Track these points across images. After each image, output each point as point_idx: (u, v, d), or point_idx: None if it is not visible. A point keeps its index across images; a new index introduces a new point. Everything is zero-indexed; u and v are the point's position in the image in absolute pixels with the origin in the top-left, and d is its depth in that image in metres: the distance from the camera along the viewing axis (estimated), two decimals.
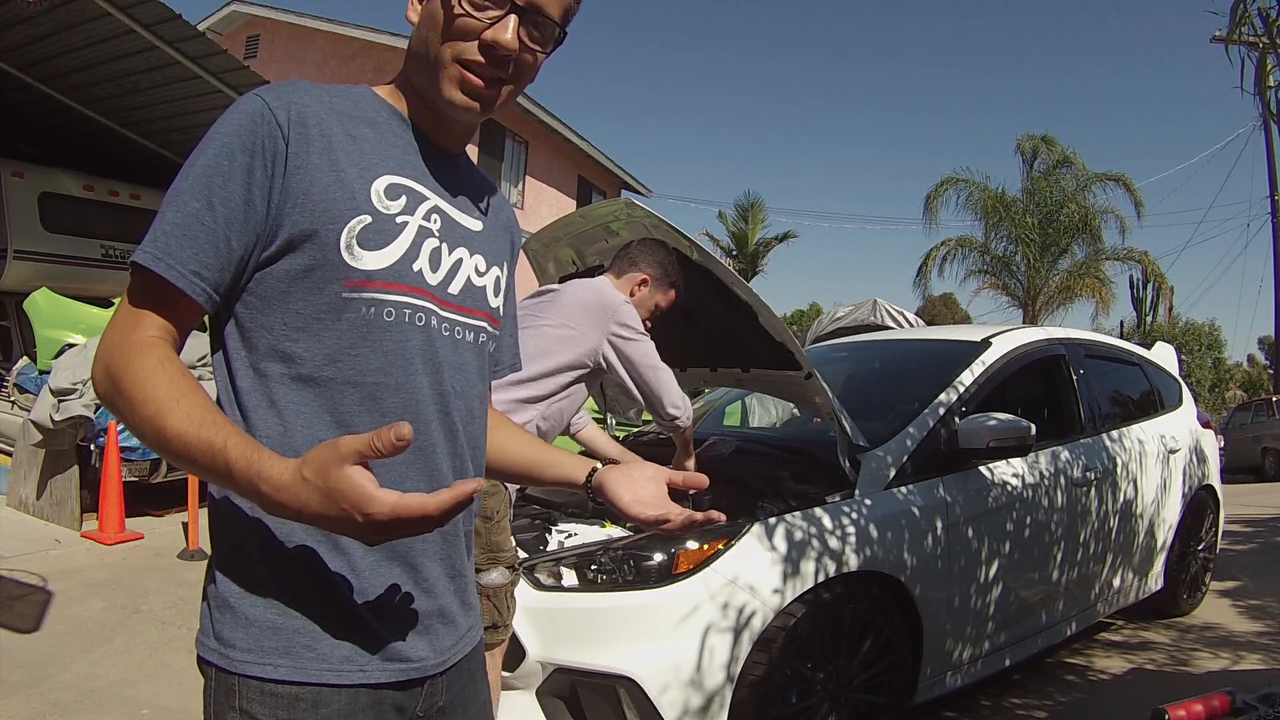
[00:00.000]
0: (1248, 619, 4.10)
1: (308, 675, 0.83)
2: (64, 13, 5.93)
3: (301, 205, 0.85)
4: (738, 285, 2.53)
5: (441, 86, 0.91)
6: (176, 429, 0.76)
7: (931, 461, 2.73)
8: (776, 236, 25.41)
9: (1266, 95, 3.92)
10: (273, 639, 0.83)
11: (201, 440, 0.75)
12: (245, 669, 0.83)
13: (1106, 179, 16.90)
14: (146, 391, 0.78)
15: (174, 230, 0.82)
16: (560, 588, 2.27)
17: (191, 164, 0.85)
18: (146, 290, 0.83)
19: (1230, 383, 31.03)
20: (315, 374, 0.86)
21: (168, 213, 0.83)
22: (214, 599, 0.86)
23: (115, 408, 0.81)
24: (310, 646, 0.83)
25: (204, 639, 0.86)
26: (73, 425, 5.09)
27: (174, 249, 0.82)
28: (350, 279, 0.86)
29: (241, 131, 0.84)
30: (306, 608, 0.84)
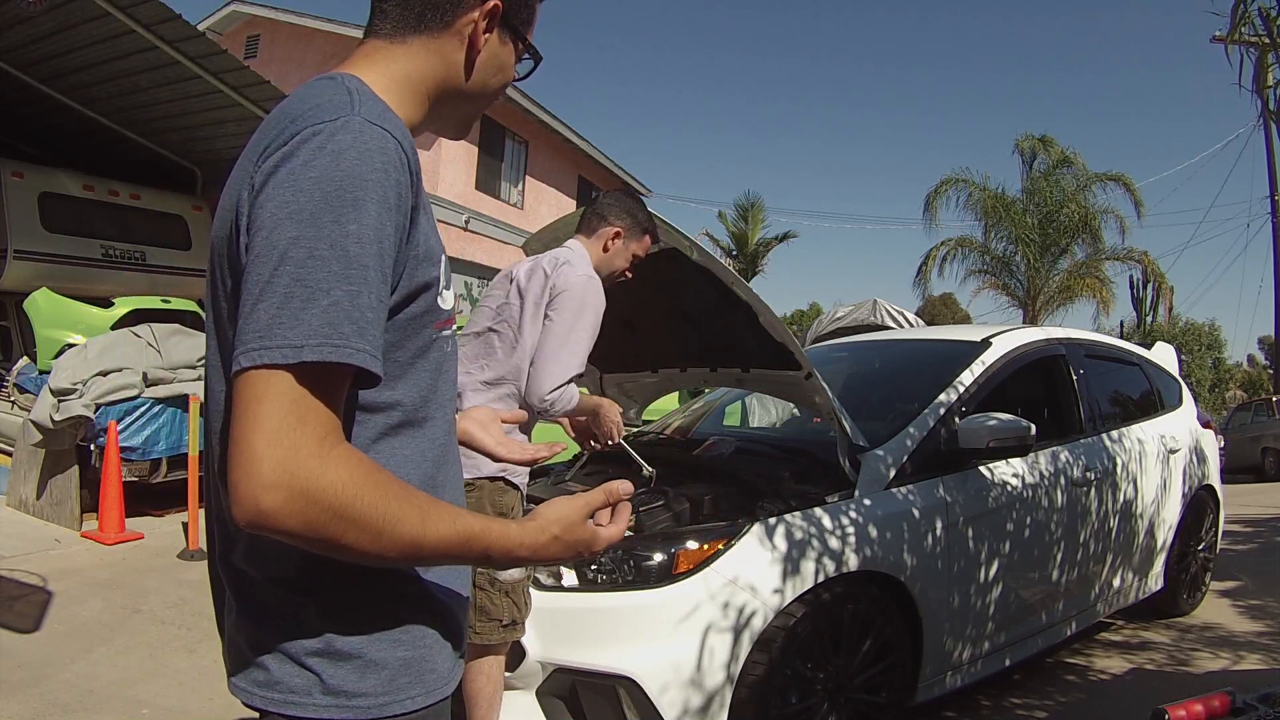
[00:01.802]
0: (1248, 619, 4.10)
1: (434, 695, 0.85)
2: (64, 13, 5.94)
3: (417, 254, 0.81)
4: (738, 285, 2.53)
5: (469, 120, 1.01)
6: (435, 535, 0.74)
7: (931, 461, 2.73)
8: (776, 236, 25.42)
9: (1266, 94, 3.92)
10: (404, 674, 0.82)
11: (459, 536, 0.76)
12: (385, 711, 0.80)
13: (1106, 179, 16.91)
14: (390, 509, 0.71)
15: (374, 320, 0.73)
16: (560, 588, 2.27)
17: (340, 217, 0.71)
18: (326, 382, 0.71)
19: (1230, 383, 31.06)
20: (414, 416, 0.85)
21: (356, 296, 0.71)
22: (311, 653, 0.79)
23: (333, 535, 0.69)
24: (433, 669, 0.85)
25: (300, 699, 0.78)
26: (73, 425, 5.09)
27: (379, 339, 0.74)
28: (439, 320, 0.86)
29: (390, 181, 0.75)
30: (425, 635, 0.85)
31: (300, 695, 0.78)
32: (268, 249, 0.71)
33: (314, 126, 0.74)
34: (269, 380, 0.68)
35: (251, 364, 0.69)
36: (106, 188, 8.14)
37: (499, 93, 1.00)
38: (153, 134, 8.12)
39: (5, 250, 7.41)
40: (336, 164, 0.72)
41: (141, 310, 6.76)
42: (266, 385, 0.68)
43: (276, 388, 0.68)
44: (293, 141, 0.74)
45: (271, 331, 0.69)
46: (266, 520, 0.67)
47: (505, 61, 0.96)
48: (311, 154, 0.73)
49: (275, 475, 0.67)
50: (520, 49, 0.97)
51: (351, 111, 0.76)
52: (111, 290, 7.62)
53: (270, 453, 0.67)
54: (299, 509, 0.67)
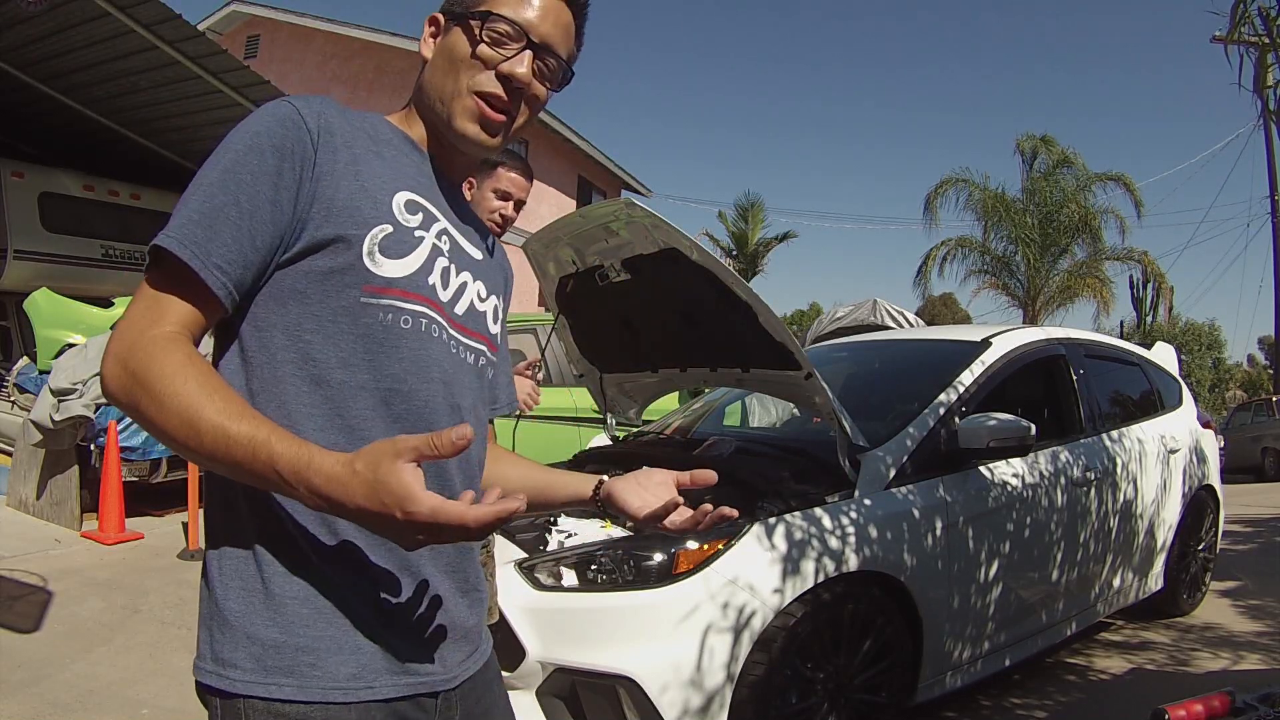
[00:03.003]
0: (1248, 619, 4.10)
1: (312, 694, 0.81)
2: (64, 13, 5.94)
3: (327, 210, 0.86)
4: (738, 285, 2.52)
5: (455, 118, 0.95)
6: (212, 422, 0.74)
7: (931, 461, 2.73)
8: (776, 236, 25.39)
9: (1266, 94, 3.92)
10: (275, 657, 0.81)
11: (242, 434, 0.73)
12: (249, 690, 0.80)
13: (1106, 179, 16.89)
14: (175, 386, 0.75)
15: (201, 220, 0.81)
16: (560, 588, 2.27)
17: (217, 159, 0.84)
18: (168, 280, 0.81)
19: (1230, 383, 31.06)
20: (329, 376, 0.85)
21: (191, 202, 0.82)
22: (211, 618, 0.84)
23: (135, 406, 0.77)
24: (314, 665, 0.81)
25: (201, 663, 0.83)
26: (73, 425, 5.09)
27: (200, 239, 0.80)
28: (370, 284, 0.86)
29: (271, 133, 0.84)
30: (310, 625, 0.82)
31: (201, 659, 0.84)
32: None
33: None
34: (141, 282, 0.83)
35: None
36: (106, 188, 8.14)
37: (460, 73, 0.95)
38: (153, 134, 8.12)
39: (5, 250, 7.41)
40: (235, 130, 0.86)
41: None
42: (139, 286, 0.83)
43: (140, 285, 0.83)
44: None
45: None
46: (104, 384, 0.79)
47: (452, 43, 0.96)
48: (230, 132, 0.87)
49: (113, 345, 0.79)
50: (468, 24, 0.95)
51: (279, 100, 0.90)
52: (111, 290, 7.62)
53: (116, 330, 0.81)
54: (117, 373, 0.78)
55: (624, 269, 2.86)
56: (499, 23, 0.94)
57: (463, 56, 0.95)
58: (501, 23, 0.94)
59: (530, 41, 0.95)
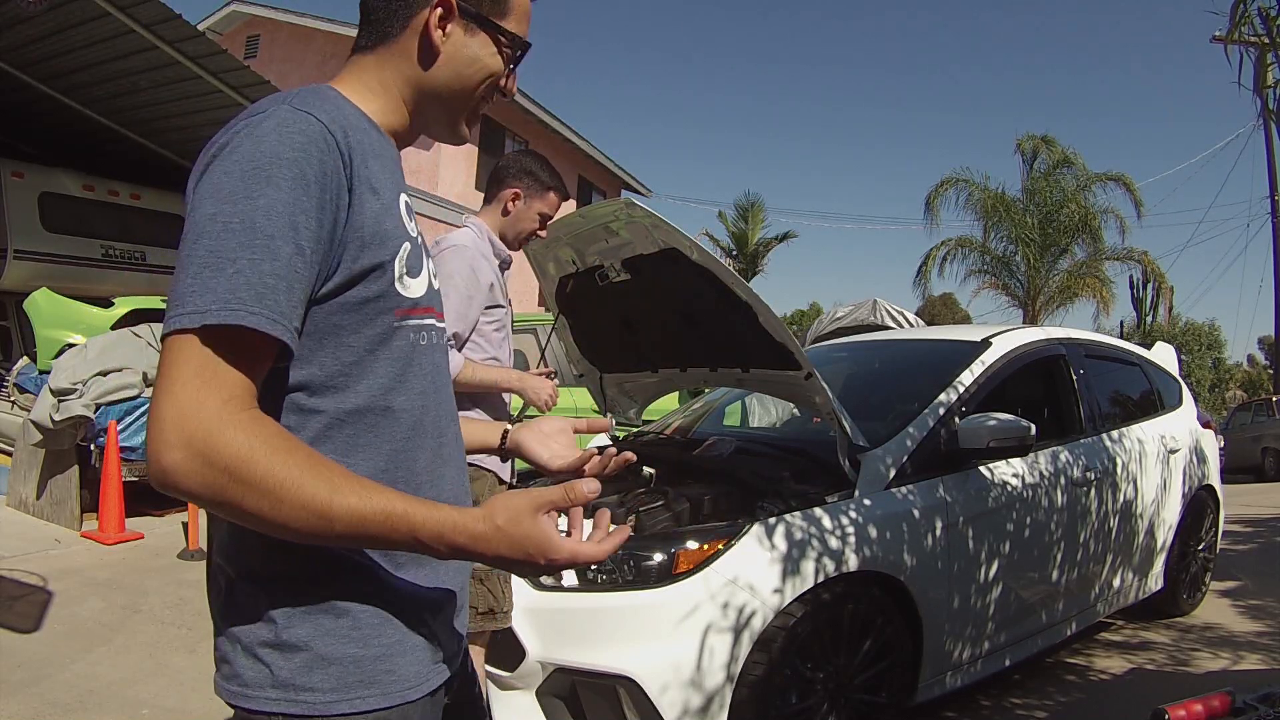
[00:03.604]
0: (1248, 619, 4.10)
1: (393, 699, 0.83)
2: (64, 13, 5.93)
3: (360, 237, 0.82)
4: (738, 285, 2.52)
5: (460, 122, 0.97)
6: (345, 506, 0.72)
7: (931, 461, 2.73)
8: (776, 236, 25.41)
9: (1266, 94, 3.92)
10: (356, 673, 0.81)
11: (375, 511, 0.73)
12: (331, 709, 0.80)
13: (1106, 179, 16.90)
14: (286, 475, 0.70)
15: (278, 285, 0.73)
16: (560, 588, 2.27)
17: (257, 194, 0.74)
18: (234, 349, 0.72)
19: (1230, 383, 31.07)
20: (369, 406, 0.84)
21: (259, 263, 0.73)
22: (265, 644, 0.80)
23: (234, 503, 0.70)
24: (390, 670, 0.83)
25: (252, 691, 0.79)
26: (73, 425, 5.09)
27: (283, 308, 0.74)
28: (400, 308, 0.86)
29: (310, 159, 0.78)
30: (382, 634, 0.83)
31: (253, 688, 0.80)
32: (191, 227, 0.75)
33: (246, 121, 0.80)
34: (180, 346, 0.72)
35: (167, 331, 0.73)
36: (106, 188, 8.13)
37: (483, 87, 0.96)
38: (153, 134, 8.11)
39: (5, 250, 7.40)
40: (257, 147, 0.77)
41: (141, 310, 6.76)
42: (178, 350, 0.72)
43: (185, 352, 0.72)
44: (225, 136, 0.79)
45: (185, 299, 0.72)
46: (168, 478, 0.70)
47: (478, 54, 0.94)
48: (239, 143, 0.77)
49: (175, 434, 0.69)
50: (498, 38, 0.94)
51: (280, 103, 0.81)
52: (111, 290, 7.61)
53: (172, 413, 0.70)
54: (196, 469, 0.69)
55: (624, 269, 2.86)
56: (521, 48, 0.95)
57: (493, 73, 0.95)
58: (523, 48, 0.96)
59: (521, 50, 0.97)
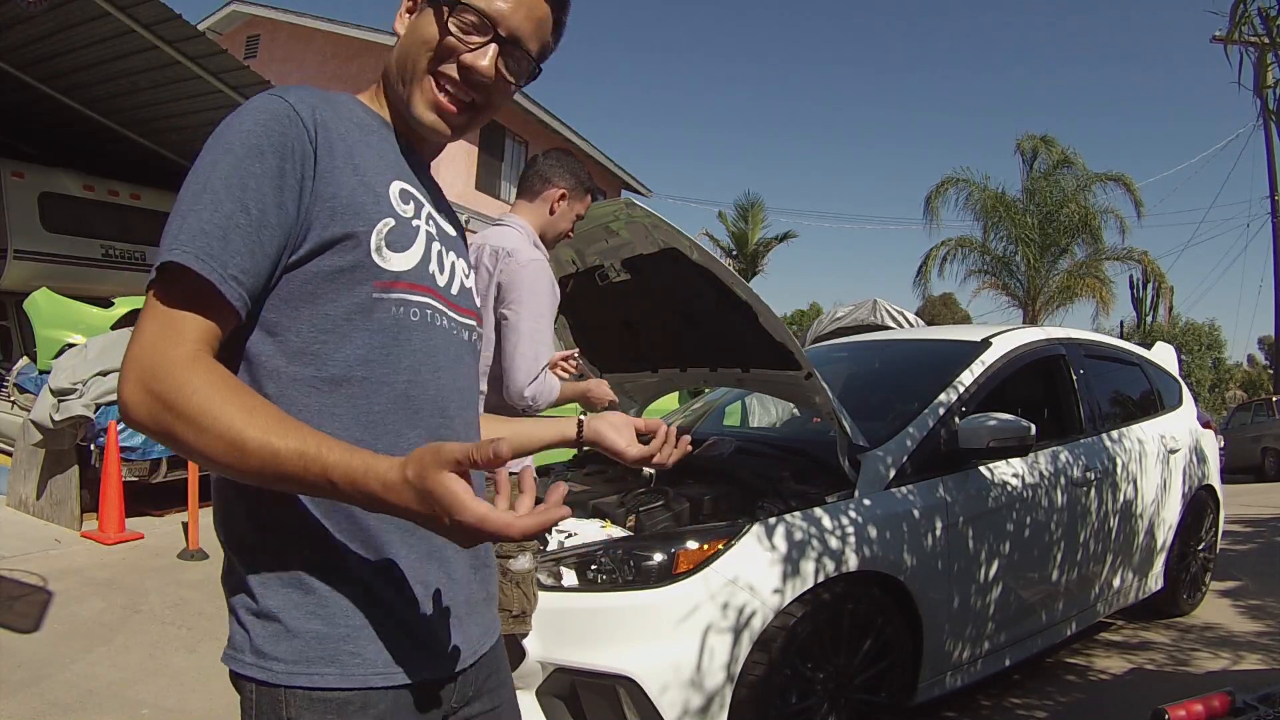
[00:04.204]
0: (1248, 619, 4.10)
1: (354, 681, 0.84)
2: (64, 13, 5.94)
3: (331, 208, 0.85)
4: (738, 285, 2.53)
5: (414, 101, 0.95)
6: (258, 441, 0.74)
7: (931, 461, 2.73)
8: (776, 236, 25.38)
9: (1266, 94, 3.92)
10: (318, 649, 0.83)
11: (290, 449, 0.74)
12: (292, 680, 0.82)
13: (1106, 179, 16.90)
14: (212, 408, 0.74)
15: (213, 231, 0.79)
16: (560, 588, 2.27)
17: (214, 162, 0.81)
18: (181, 294, 0.78)
19: (1230, 383, 31.06)
20: (347, 375, 0.86)
21: (200, 212, 0.79)
22: (248, 611, 0.85)
23: (169, 432, 0.75)
24: (355, 653, 0.84)
25: (238, 654, 0.85)
26: (73, 425, 5.09)
27: (214, 250, 0.78)
28: (380, 279, 0.87)
29: (269, 132, 0.83)
30: (350, 615, 0.85)
31: (238, 651, 0.85)
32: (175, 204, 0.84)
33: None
34: (149, 296, 0.80)
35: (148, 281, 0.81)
36: (106, 188, 8.14)
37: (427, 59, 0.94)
38: (153, 134, 8.12)
39: (5, 250, 7.41)
40: (227, 125, 0.84)
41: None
42: (147, 299, 0.80)
43: (149, 300, 0.80)
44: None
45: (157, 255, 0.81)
46: (124, 410, 0.77)
47: (420, 24, 0.95)
48: (218, 127, 0.85)
49: (131, 369, 0.76)
50: (443, 13, 0.94)
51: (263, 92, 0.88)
52: (111, 290, 7.62)
53: (132, 351, 0.78)
54: (141, 399, 0.75)
55: (624, 269, 2.86)
56: (467, 12, 0.93)
57: (428, 40, 0.94)
58: (470, 12, 0.93)
59: (497, 35, 0.94)
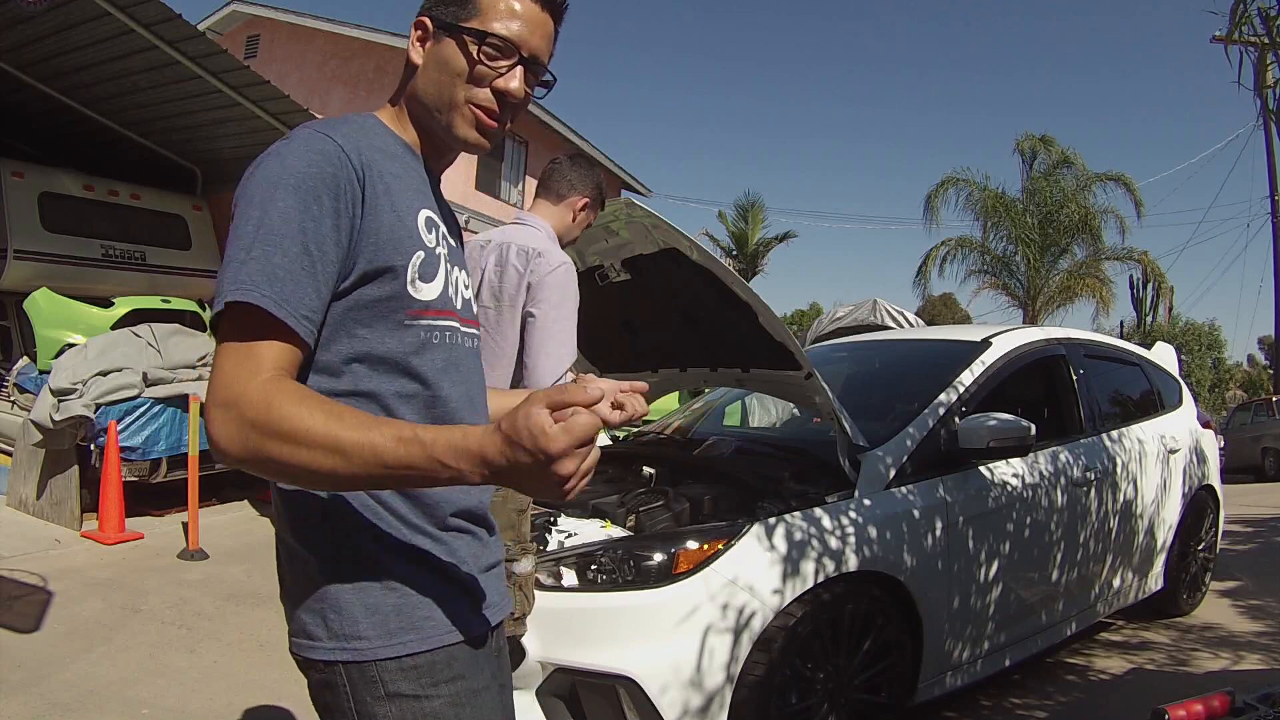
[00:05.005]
0: (1248, 619, 4.10)
1: (433, 642, 0.93)
2: (64, 13, 5.94)
3: (375, 243, 0.92)
4: (738, 285, 2.53)
5: (456, 127, 1.02)
6: (354, 439, 0.77)
7: (931, 461, 2.73)
8: (776, 236, 25.39)
9: (1266, 94, 3.92)
10: (397, 619, 0.92)
11: (386, 437, 0.78)
12: (379, 653, 0.91)
13: (1106, 179, 16.91)
14: (305, 422, 0.78)
15: (283, 275, 0.84)
16: (560, 588, 2.27)
17: (272, 200, 0.86)
18: (255, 331, 0.83)
19: (1230, 383, 31.04)
20: (381, 389, 0.94)
21: (270, 254, 0.84)
22: (320, 602, 0.92)
23: (266, 456, 0.79)
24: (429, 617, 0.94)
25: (317, 644, 0.92)
26: (73, 425, 5.09)
27: (288, 294, 0.84)
28: (412, 308, 0.96)
29: (323, 174, 0.88)
30: (415, 585, 0.94)
31: (314, 640, 0.93)
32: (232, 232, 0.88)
33: (276, 144, 0.92)
34: (221, 333, 0.85)
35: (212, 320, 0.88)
36: (106, 188, 8.13)
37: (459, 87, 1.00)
38: (153, 134, 8.12)
39: (5, 250, 7.40)
40: (280, 163, 0.89)
41: (141, 310, 6.76)
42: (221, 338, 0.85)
43: (221, 336, 0.85)
44: (260, 157, 0.92)
45: (218, 290, 0.85)
46: (216, 446, 0.81)
47: (444, 56, 1.00)
48: (267, 162, 0.90)
49: (215, 405, 0.81)
50: (461, 37, 0.99)
51: (306, 127, 0.93)
52: (111, 290, 7.61)
53: (213, 388, 0.82)
54: (233, 432, 0.79)
55: (624, 269, 2.87)
56: (494, 41, 0.99)
57: (459, 71, 1.00)
58: (496, 40, 0.99)
59: (521, 57, 1.01)
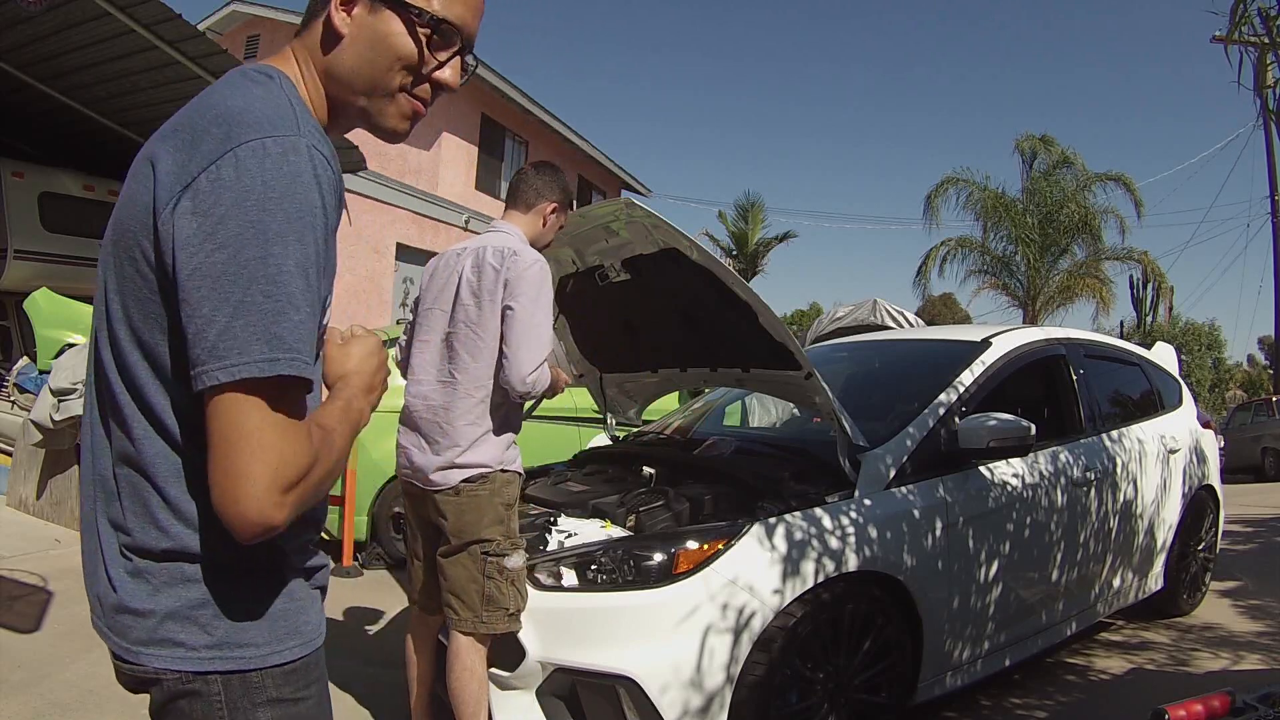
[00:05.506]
0: (1248, 619, 4.10)
1: (311, 645, 0.92)
2: (64, 13, 5.93)
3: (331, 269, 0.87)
4: (738, 285, 2.53)
5: (385, 116, 0.94)
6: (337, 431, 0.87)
7: (931, 461, 2.73)
8: (776, 236, 25.40)
9: (1266, 94, 3.93)
10: (284, 624, 0.89)
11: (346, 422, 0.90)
12: (265, 661, 0.87)
13: (1106, 179, 16.92)
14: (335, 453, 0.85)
15: (306, 336, 0.79)
16: (560, 588, 2.27)
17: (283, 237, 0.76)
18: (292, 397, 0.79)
19: (1230, 383, 31.03)
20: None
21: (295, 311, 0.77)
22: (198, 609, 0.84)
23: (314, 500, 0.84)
24: (307, 620, 0.92)
25: (191, 654, 0.84)
26: (73, 425, 5.08)
27: (310, 353, 0.81)
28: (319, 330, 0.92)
29: (327, 207, 0.82)
30: (296, 587, 0.92)
31: (186, 649, 0.84)
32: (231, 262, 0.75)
33: (264, 141, 0.77)
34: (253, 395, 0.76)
35: (235, 377, 0.74)
36: (106, 188, 8.13)
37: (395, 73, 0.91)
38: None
39: (5, 250, 7.41)
40: (293, 184, 0.77)
41: None
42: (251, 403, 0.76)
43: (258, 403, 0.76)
44: (243, 150, 0.77)
45: (247, 347, 0.75)
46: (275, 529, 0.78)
47: (383, 33, 0.89)
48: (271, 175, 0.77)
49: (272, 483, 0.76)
50: (407, 16, 0.90)
51: (298, 133, 0.80)
52: None
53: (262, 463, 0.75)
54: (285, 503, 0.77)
55: (624, 269, 2.87)
56: (446, 28, 0.91)
57: (402, 56, 0.90)
58: (449, 27, 0.92)
59: (463, 44, 0.94)
